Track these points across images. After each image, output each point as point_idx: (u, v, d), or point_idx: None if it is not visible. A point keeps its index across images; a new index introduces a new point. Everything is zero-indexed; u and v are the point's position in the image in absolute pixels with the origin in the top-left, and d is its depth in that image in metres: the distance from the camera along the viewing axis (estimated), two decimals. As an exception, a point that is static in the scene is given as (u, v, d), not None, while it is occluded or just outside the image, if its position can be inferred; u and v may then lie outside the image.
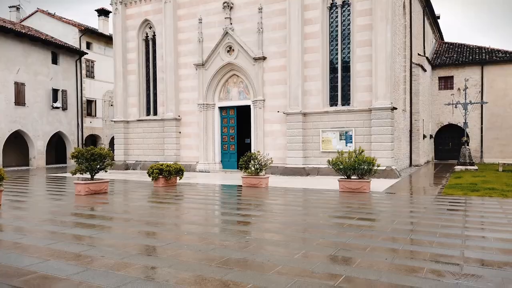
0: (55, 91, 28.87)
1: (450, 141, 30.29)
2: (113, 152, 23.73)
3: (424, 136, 25.99)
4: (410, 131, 23.65)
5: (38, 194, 12.88)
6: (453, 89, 29.56)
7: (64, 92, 29.44)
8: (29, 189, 14.45)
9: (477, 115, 28.79)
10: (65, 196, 12.35)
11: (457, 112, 28.14)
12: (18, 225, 7.80)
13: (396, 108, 17.91)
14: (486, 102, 25.75)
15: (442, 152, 30.60)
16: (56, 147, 31.75)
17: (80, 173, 12.51)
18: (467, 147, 21.86)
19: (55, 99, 28.84)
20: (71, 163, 29.31)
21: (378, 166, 12.71)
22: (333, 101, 18.74)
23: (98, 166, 12.64)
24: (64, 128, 29.59)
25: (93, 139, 33.32)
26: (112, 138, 30.83)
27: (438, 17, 34.64)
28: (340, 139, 18.11)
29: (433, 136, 30.16)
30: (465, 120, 22.33)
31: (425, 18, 28.68)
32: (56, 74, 28.96)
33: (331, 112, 18.35)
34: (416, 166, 23.70)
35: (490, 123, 28.66)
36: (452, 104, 23.09)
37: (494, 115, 28.56)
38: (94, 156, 12.38)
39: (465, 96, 22.73)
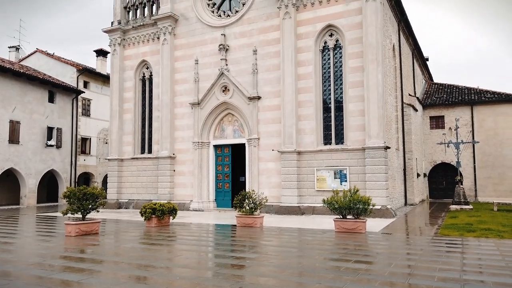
0: (50, 129, 28.91)
1: (444, 179, 30.39)
2: (106, 190, 23.48)
3: (418, 175, 26.08)
4: (404, 169, 23.76)
5: (27, 235, 12.56)
6: (444, 128, 30.05)
7: (59, 130, 29.49)
8: (18, 230, 14.10)
9: (469, 154, 29.09)
10: (55, 237, 12.05)
11: (449, 151, 28.43)
12: (4, 269, 7.54)
13: (389, 147, 18.09)
14: (478, 142, 26.10)
15: (436, 191, 30.61)
16: (48, 185, 31.35)
17: (71, 213, 12.27)
18: (461, 186, 21.92)
19: (49, 137, 28.83)
20: (63, 201, 28.84)
21: (374, 205, 12.65)
22: (327, 140, 18.91)
23: (90, 206, 12.44)
24: (57, 166, 29.37)
25: (86, 177, 33.00)
26: (106, 176, 30.56)
27: (427, 59, 35.82)
28: (335, 178, 18.11)
29: (427, 174, 30.28)
30: (458, 159, 22.54)
31: (414, 60, 29.62)
32: (52, 112, 29.12)
33: (325, 151, 18.46)
34: (411, 205, 23.60)
35: (483, 162, 28.93)
36: (444, 143, 23.39)
37: (486, 154, 28.88)
38: (87, 195, 12.21)
39: (457, 136, 23.07)
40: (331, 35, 18.97)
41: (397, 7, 22.15)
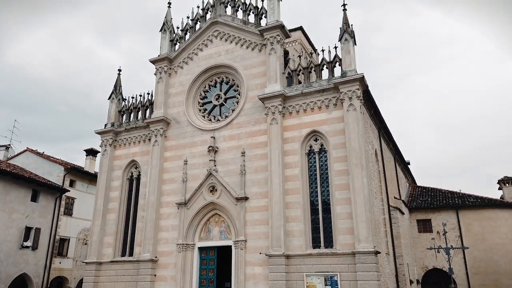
0: (28, 229, 27.75)
1: (437, 287, 29.15)
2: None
3: (411, 282, 25.04)
4: (396, 276, 22.87)
5: None
6: (432, 232, 29.89)
7: (37, 230, 28.31)
8: None
9: (460, 260, 28.49)
10: None
11: (440, 256, 27.81)
12: None
13: (379, 252, 17.66)
14: (467, 247, 25.78)
15: (431, 299, 29.11)
16: (16, 291, 28.89)
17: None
18: (457, 294, 21.00)
19: (26, 238, 27.52)
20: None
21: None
22: (316, 243, 18.45)
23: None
24: (30, 269, 27.48)
25: (59, 281, 30.70)
26: (81, 281, 28.50)
27: (408, 163, 37.21)
28: (326, 285, 17.21)
29: (420, 281, 29.11)
30: (450, 265, 22.00)
31: (397, 164, 30.74)
32: (33, 211, 28.30)
33: (314, 255, 17.88)
34: (407, 315, 22.18)
35: (475, 268, 28.22)
36: (434, 248, 23.03)
37: (477, 260, 28.33)
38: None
39: (446, 241, 22.87)
40: (316, 140, 19.85)
41: (376, 116, 23.72)
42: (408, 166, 36.85)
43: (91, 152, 35.05)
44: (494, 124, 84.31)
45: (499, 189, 35.22)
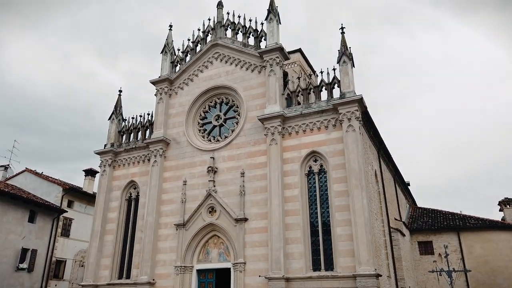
0: (24, 251, 27.36)
1: (441, 311, 28.55)
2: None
3: (413, 305, 24.56)
4: (398, 299, 22.44)
5: None
6: (433, 254, 29.51)
7: (33, 252, 27.91)
8: None
9: (463, 283, 28.03)
10: None
11: (442, 280, 27.32)
12: None
13: (380, 275, 17.38)
14: (469, 270, 25.41)
15: (434, 324, 28.46)
16: (10, 315, 28.23)
17: None
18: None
19: (22, 260, 27.10)
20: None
21: None
22: (316, 266, 18.17)
23: None
24: (25, 292, 26.96)
25: (54, 306, 30.05)
26: (76, 305, 27.94)
27: (408, 184, 37.07)
28: (326, 308, 16.86)
29: (423, 305, 28.55)
30: (452, 288, 21.61)
31: (397, 185, 30.62)
32: (30, 232, 27.98)
33: (315, 278, 17.58)
34: None
35: (478, 291, 27.72)
36: (436, 271, 22.67)
37: (480, 283, 27.86)
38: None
39: (448, 264, 22.52)
40: (315, 160, 19.83)
41: (375, 137, 23.80)
42: (408, 187, 36.70)
43: (90, 172, 34.93)
44: (494, 144, 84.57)
45: (500, 210, 34.96)
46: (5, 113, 75.18)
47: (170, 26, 26.76)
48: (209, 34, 25.00)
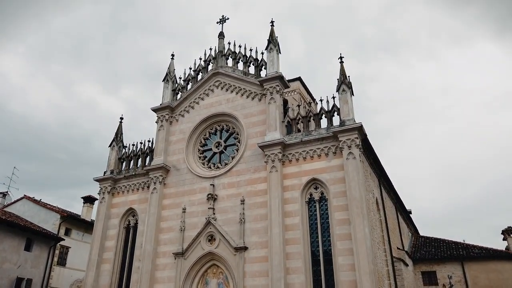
0: (19, 280, 26.74)
1: None
2: None
3: None
4: (403, 332, 21.71)
5: None
6: (438, 284, 28.77)
7: (28, 281, 27.28)
8: None
9: (469, 315, 27.18)
10: None
11: (448, 311, 26.58)
12: None
13: (384, 306, 16.91)
14: (475, 300, 24.74)
15: None
16: None
17: None
18: None
19: (16, 289, 26.45)
20: None
21: None
22: (317, 297, 17.69)
23: None
24: (17, 323, 26.16)
25: (47, 338, 29.07)
26: (70, 337, 27.04)
27: (410, 212, 36.63)
28: None
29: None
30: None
31: (398, 213, 30.25)
32: (26, 261, 27.44)
33: (316, 309, 17.08)
34: None
35: (485, 324, 26.86)
36: (441, 302, 22.03)
37: (487, 315, 27.03)
38: None
39: (453, 294, 21.95)
40: (316, 188, 19.68)
41: (376, 164, 23.73)
42: (410, 215, 36.26)
43: (89, 200, 34.64)
44: (496, 173, 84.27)
45: (504, 239, 34.39)
46: (5, 140, 75.53)
47: (172, 55, 27.26)
48: (210, 63, 25.42)
